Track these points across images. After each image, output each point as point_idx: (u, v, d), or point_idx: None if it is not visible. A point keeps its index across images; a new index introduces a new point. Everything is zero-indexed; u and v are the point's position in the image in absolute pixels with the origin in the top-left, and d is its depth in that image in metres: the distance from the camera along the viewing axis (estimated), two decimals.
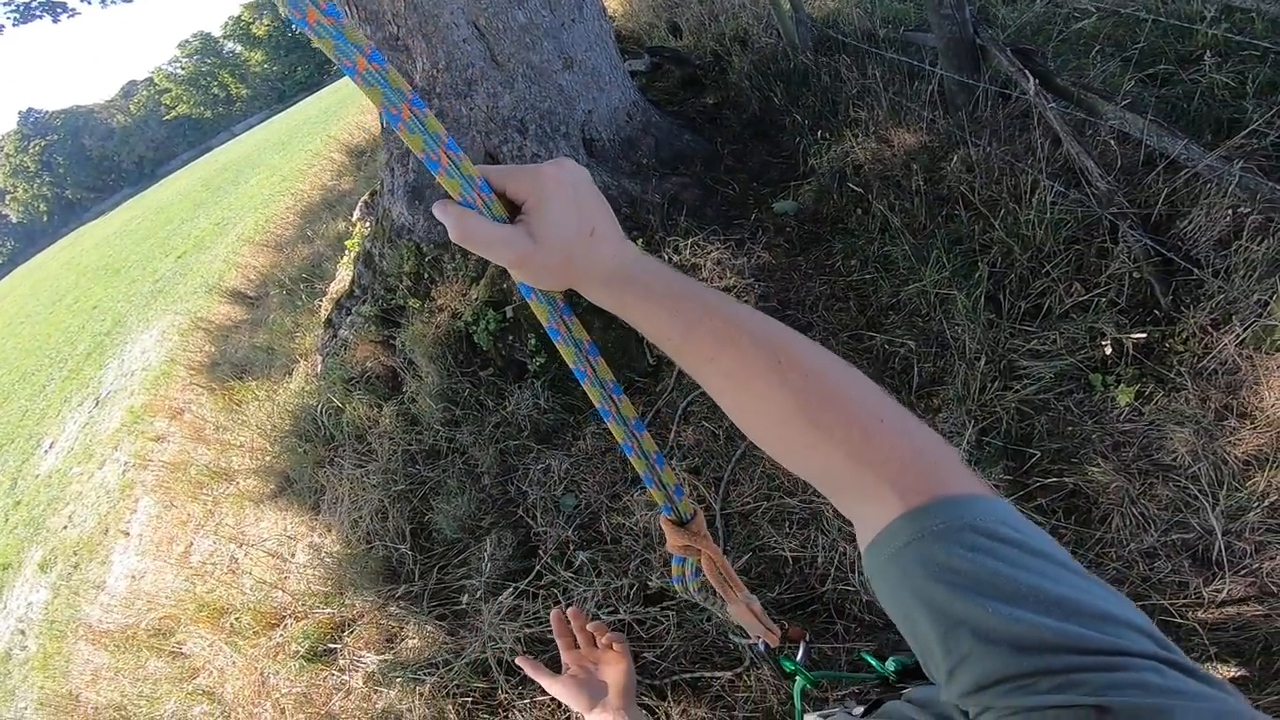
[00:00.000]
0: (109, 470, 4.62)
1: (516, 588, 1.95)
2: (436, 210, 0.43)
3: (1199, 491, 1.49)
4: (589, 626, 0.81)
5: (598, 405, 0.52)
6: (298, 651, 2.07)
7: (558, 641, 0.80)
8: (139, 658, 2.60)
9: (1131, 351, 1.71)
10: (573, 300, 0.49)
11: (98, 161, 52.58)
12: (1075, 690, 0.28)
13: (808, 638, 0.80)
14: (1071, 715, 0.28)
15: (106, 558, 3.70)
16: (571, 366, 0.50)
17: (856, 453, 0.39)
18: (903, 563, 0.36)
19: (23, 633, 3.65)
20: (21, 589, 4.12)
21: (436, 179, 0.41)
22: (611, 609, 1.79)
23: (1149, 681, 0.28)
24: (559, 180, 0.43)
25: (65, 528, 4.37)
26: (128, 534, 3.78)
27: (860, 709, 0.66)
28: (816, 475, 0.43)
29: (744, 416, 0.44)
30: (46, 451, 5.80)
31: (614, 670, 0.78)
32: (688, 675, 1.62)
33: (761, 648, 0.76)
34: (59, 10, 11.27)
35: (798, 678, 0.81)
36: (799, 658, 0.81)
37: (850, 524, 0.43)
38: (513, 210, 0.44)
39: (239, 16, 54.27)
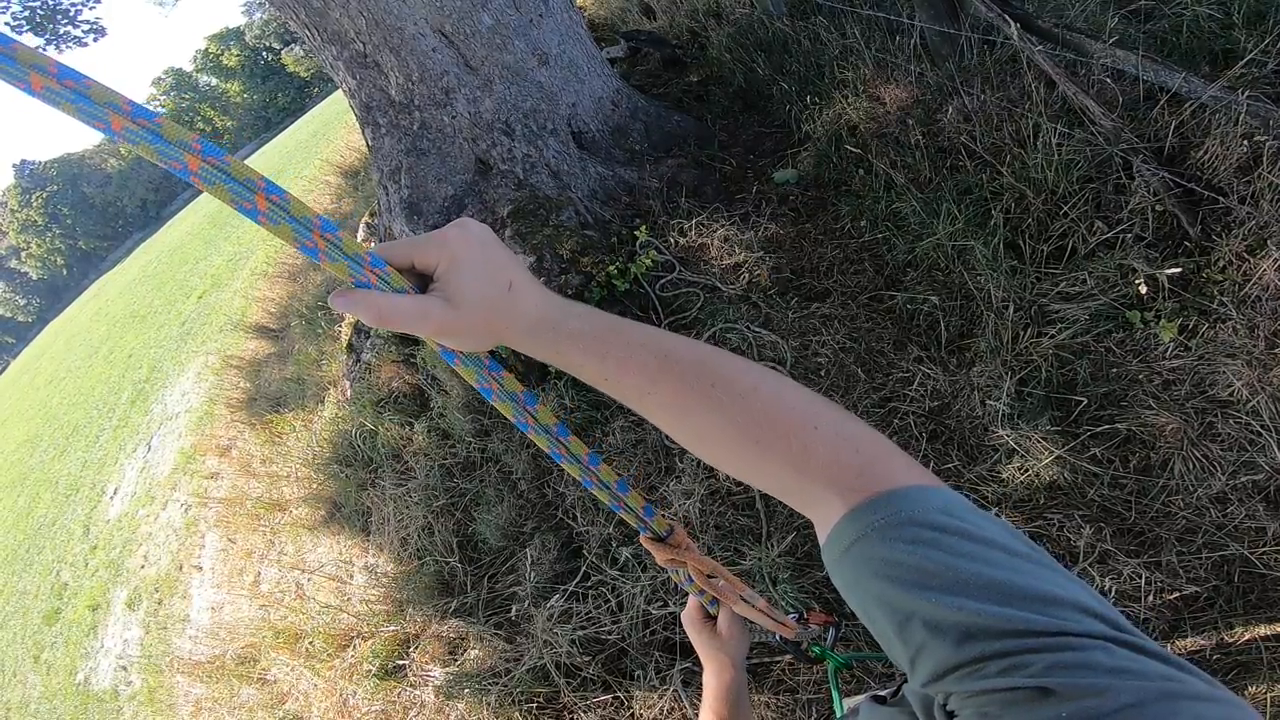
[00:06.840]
0: (172, 510, 4.86)
1: (565, 590, 2.02)
2: (337, 304, 0.40)
3: (1261, 427, 1.42)
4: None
5: (548, 450, 0.52)
6: (370, 670, 2.20)
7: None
8: (232, 687, 2.78)
9: (1168, 285, 1.64)
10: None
11: (102, 209, 53.62)
12: (1020, 673, 0.29)
13: (837, 620, 0.81)
14: (1015, 697, 0.29)
15: (186, 592, 3.93)
16: (512, 420, 0.50)
17: (796, 463, 0.40)
18: (851, 562, 0.37)
19: (125, 669, 3.92)
20: (114, 627, 4.41)
21: (320, 265, 0.39)
22: (661, 603, 1.84)
23: (1095, 661, 0.28)
24: (465, 241, 0.42)
25: (143, 567, 4.64)
26: (200, 568, 4.01)
27: (886, 692, 0.68)
28: (769, 487, 0.44)
29: (689, 443, 0.45)
30: (111, 498, 6.13)
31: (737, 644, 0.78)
32: (747, 661, 1.65)
33: (778, 640, 0.77)
34: None
35: (829, 662, 0.83)
36: (829, 642, 0.82)
37: None
38: (421, 281, 0.43)
39: (206, 49, 53.64)
